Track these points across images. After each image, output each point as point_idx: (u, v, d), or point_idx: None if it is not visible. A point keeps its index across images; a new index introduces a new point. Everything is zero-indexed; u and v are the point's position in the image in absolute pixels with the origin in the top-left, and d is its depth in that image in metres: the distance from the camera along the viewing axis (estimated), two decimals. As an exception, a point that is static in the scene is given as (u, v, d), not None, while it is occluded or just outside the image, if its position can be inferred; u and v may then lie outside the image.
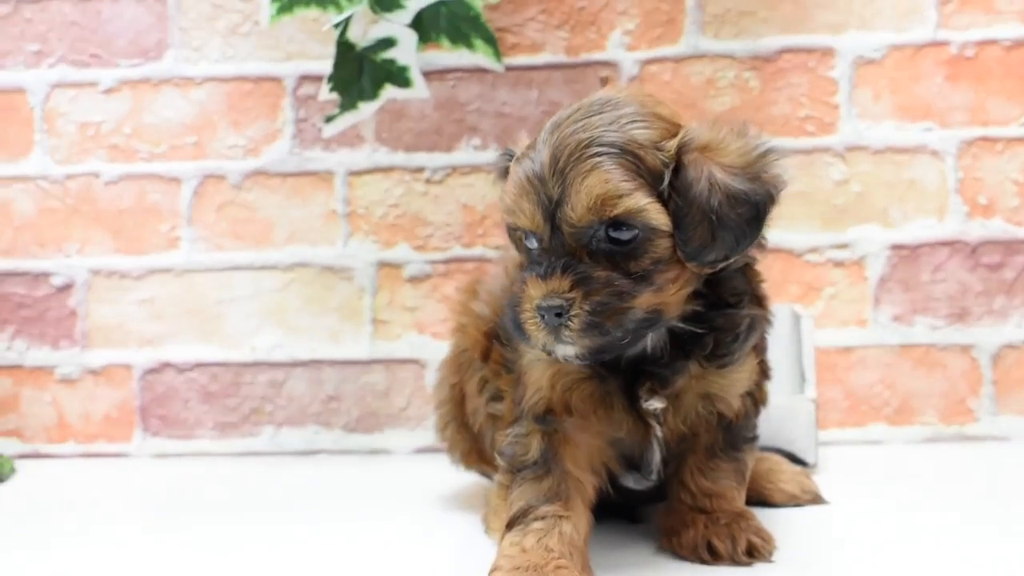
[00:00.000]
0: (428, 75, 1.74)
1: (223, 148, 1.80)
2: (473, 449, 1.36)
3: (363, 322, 1.79)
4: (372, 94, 1.61)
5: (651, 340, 1.08)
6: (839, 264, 1.75)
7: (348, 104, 1.61)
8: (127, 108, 1.81)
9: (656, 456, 1.16)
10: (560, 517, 1.07)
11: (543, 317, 1.01)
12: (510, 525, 1.08)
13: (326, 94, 1.60)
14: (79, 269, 1.81)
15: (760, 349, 1.18)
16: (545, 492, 1.09)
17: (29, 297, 1.82)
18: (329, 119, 1.62)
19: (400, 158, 1.79)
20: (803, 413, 1.56)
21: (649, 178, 1.02)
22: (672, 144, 1.03)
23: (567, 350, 1.02)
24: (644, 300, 1.02)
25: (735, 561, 1.11)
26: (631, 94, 1.07)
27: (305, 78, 1.79)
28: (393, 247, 1.79)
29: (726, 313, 1.10)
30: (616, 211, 1.00)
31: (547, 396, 1.11)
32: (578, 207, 1.01)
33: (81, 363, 1.82)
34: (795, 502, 1.34)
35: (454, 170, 1.78)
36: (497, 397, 1.24)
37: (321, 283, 1.80)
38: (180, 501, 1.50)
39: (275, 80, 1.80)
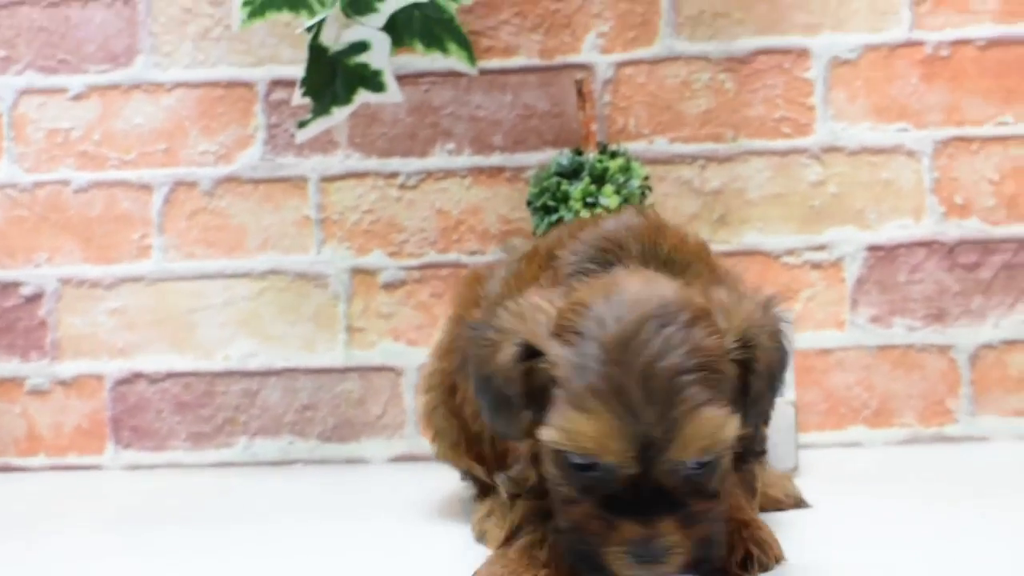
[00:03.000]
0: (401, 79, 1.75)
1: (194, 154, 1.81)
2: (462, 440, 1.34)
3: (338, 330, 1.81)
4: (345, 99, 1.62)
5: None
6: (816, 266, 1.77)
7: (321, 109, 1.62)
8: (96, 114, 1.82)
9: None
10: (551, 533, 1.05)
11: (640, 557, 0.96)
12: (505, 542, 1.07)
13: (299, 99, 1.62)
14: (49, 278, 1.82)
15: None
16: (539, 511, 1.06)
17: (-3, 308, 1.82)
18: (302, 124, 1.63)
19: (374, 163, 1.80)
20: (783, 417, 1.58)
21: (729, 391, 0.99)
22: (734, 346, 1.00)
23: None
24: (724, 511, 1.01)
25: (727, 572, 1.05)
26: (667, 285, 1.02)
27: (277, 83, 1.81)
28: (367, 253, 1.80)
29: None
30: (718, 449, 0.97)
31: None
32: (688, 450, 0.95)
33: (51, 374, 1.82)
34: (778, 507, 1.35)
35: (428, 175, 1.80)
36: None
37: (295, 291, 1.81)
38: (154, 513, 1.51)
39: (247, 85, 1.81)
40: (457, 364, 1.30)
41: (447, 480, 1.48)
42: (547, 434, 0.96)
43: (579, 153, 1.65)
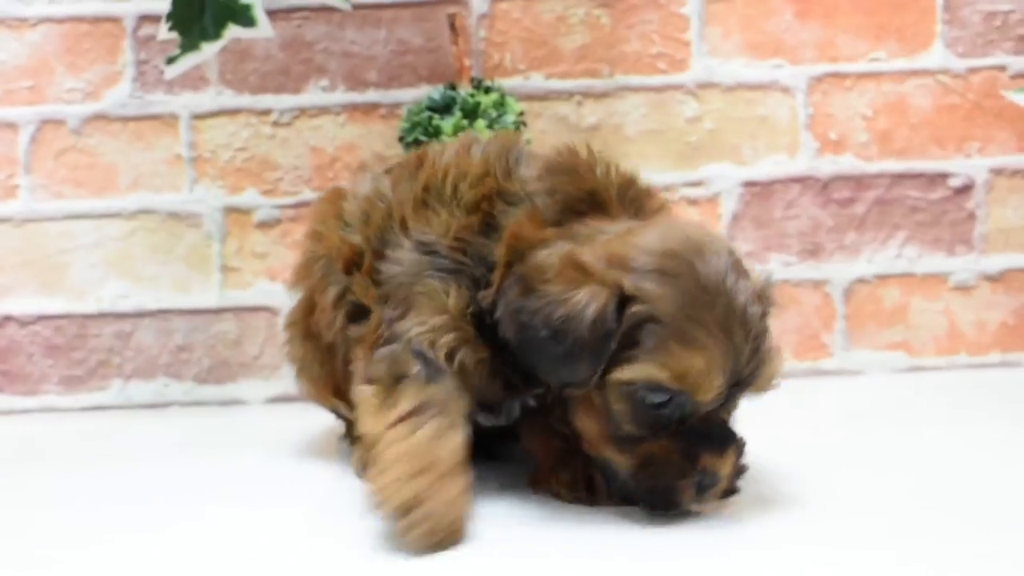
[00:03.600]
0: (273, 14, 1.73)
1: (61, 92, 1.78)
2: (324, 372, 1.32)
3: (212, 270, 1.79)
4: (215, 34, 1.59)
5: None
6: (693, 202, 1.78)
7: (190, 45, 1.60)
8: (-42, 51, 1.77)
9: (516, 412, 1.17)
10: (456, 423, 1.07)
11: (705, 487, 1.04)
12: (392, 425, 1.05)
13: (165, 34, 1.59)
14: None
15: None
16: (434, 393, 1.07)
17: None
18: (170, 60, 1.60)
19: (246, 100, 1.78)
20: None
21: None
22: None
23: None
24: None
25: (612, 501, 1.10)
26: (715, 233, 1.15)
27: (145, 18, 1.77)
28: (241, 192, 1.78)
29: None
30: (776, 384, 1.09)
31: (432, 338, 1.10)
32: (764, 386, 1.07)
33: (-84, 318, 1.78)
34: None
35: (302, 112, 1.78)
36: (359, 316, 1.20)
37: (167, 230, 1.78)
38: (26, 458, 1.49)
39: (114, 20, 1.77)
40: (317, 278, 1.29)
41: (324, 421, 1.48)
42: (642, 368, 1.01)
43: (452, 88, 1.64)
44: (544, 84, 1.78)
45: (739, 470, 1.07)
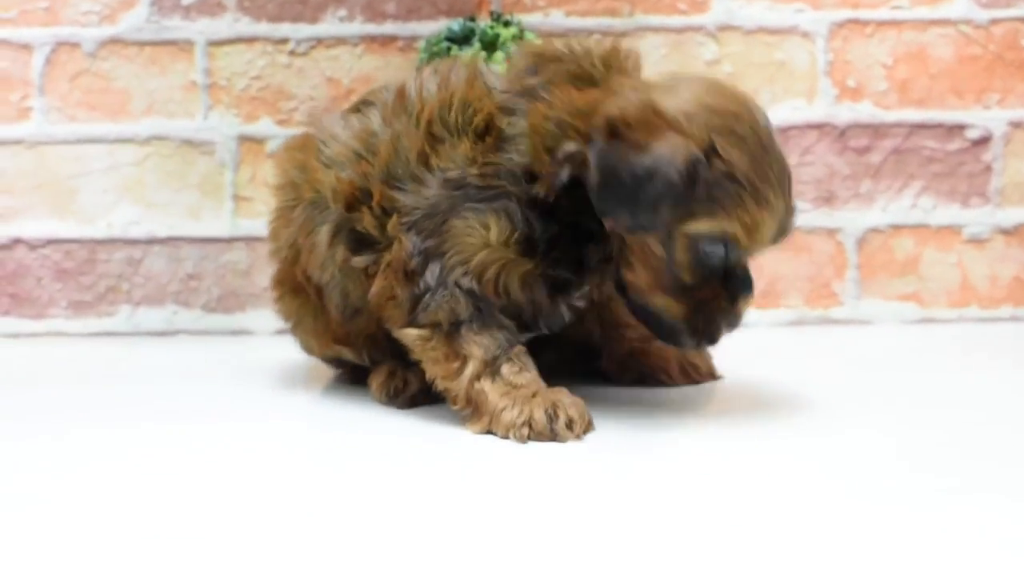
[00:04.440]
0: (293, -58, 1.72)
1: (77, 14, 1.77)
2: (320, 321, 1.34)
3: (224, 198, 1.79)
4: (233, -41, 1.59)
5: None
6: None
7: (208, -31, 1.59)
8: (-26, -30, 1.77)
9: (562, 320, 1.26)
10: (522, 354, 1.19)
11: (732, 326, 1.19)
12: (478, 376, 1.17)
13: (184, -44, 1.58)
14: (-77, 138, 1.77)
15: None
16: (496, 337, 1.18)
17: None
18: (188, -15, 1.60)
19: (263, 28, 1.78)
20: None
21: None
22: None
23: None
24: None
25: (670, 379, 1.37)
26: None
27: (164, -58, 1.76)
28: (255, 121, 1.78)
29: None
30: None
31: (477, 272, 1.17)
32: (787, 235, 1.17)
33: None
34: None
35: (319, 42, 1.78)
36: (363, 247, 1.23)
37: (180, 157, 1.78)
38: (32, 381, 1.49)
39: (132, -57, 1.77)
40: (299, 224, 1.29)
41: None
42: (718, 223, 1.11)
43: (472, 20, 1.64)
44: (564, 21, 1.77)
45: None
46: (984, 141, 1.79)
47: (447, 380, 1.19)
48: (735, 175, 1.09)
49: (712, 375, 1.41)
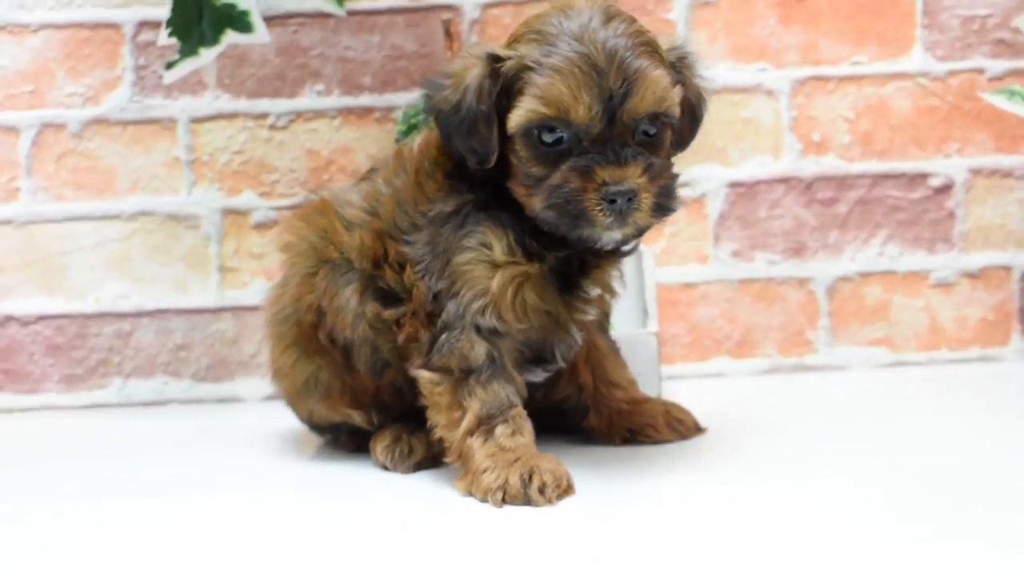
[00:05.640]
0: (269, 20, 1.78)
1: (61, 96, 1.83)
2: (342, 384, 1.37)
3: (210, 270, 1.84)
4: (213, 39, 1.65)
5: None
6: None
7: (188, 50, 1.65)
8: (-40, 57, 1.82)
9: (575, 342, 1.33)
10: (519, 417, 1.24)
11: (614, 202, 1.16)
12: (471, 431, 1.23)
13: (165, 39, 1.64)
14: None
15: None
16: (499, 396, 1.24)
17: None
18: (169, 65, 1.65)
19: (243, 104, 1.83)
20: (646, 347, 1.65)
21: (672, 78, 1.22)
22: (672, 54, 1.25)
23: (615, 235, 1.20)
24: (675, 174, 1.24)
25: (656, 435, 1.42)
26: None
27: (144, 24, 1.83)
28: (238, 194, 1.83)
29: None
30: (667, 106, 1.20)
31: (496, 300, 1.23)
32: (646, 100, 1.17)
33: (-80, 319, 1.83)
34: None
35: (298, 116, 1.84)
36: (390, 300, 1.29)
37: (166, 232, 1.84)
38: (28, 454, 1.54)
39: (113, 26, 1.83)
40: (323, 287, 1.34)
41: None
42: (523, 108, 1.18)
43: (445, 92, 1.70)
44: (534, 88, 1.83)
45: (664, 188, 1.20)
46: (946, 189, 1.86)
47: (446, 429, 1.25)
48: (527, 65, 1.18)
49: (697, 428, 1.46)
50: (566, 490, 1.20)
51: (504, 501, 1.18)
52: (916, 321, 1.86)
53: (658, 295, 1.80)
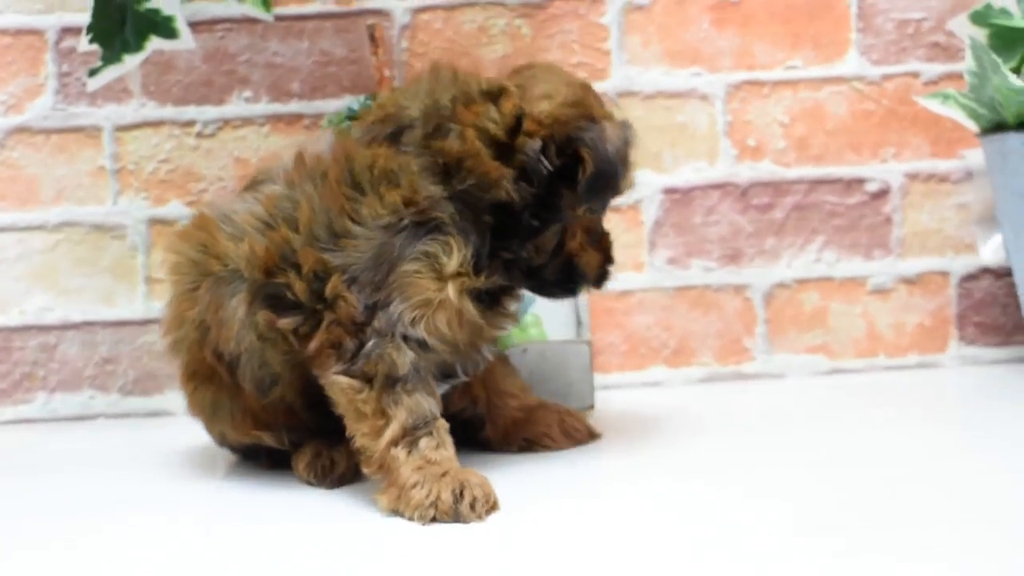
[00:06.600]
0: (195, 25, 1.76)
1: (-17, 105, 1.80)
2: (239, 407, 1.35)
3: (137, 281, 1.81)
4: (136, 46, 1.62)
5: None
6: (614, 209, 1.81)
7: (112, 57, 1.62)
8: None
9: (484, 358, 1.33)
10: (442, 430, 1.22)
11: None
12: (395, 442, 1.19)
13: (86, 46, 1.61)
14: None
15: None
16: (422, 407, 1.21)
17: None
18: (93, 72, 1.63)
19: (169, 112, 1.81)
20: (579, 355, 1.63)
21: None
22: None
23: None
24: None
25: (551, 443, 1.43)
26: None
27: (67, 30, 1.80)
28: (165, 203, 1.81)
29: None
30: None
31: (437, 311, 1.22)
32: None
33: None
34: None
35: (226, 123, 1.81)
36: (287, 308, 1.25)
37: (91, 243, 1.81)
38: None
39: (36, 33, 1.80)
40: (207, 301, 1.30)
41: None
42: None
43: (373, 98, 1.67)
44: (466, 94, 1.81)
45: None
46: (883, 194, 1.85)
47: (367, 438, 1.21)
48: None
49: (592, 435, 1.46)
50: (493, 505, 1.18)
51: (435, 518, 1.15)
52: (854, 328, 1.86)
53: (593, 303, 1.78)
